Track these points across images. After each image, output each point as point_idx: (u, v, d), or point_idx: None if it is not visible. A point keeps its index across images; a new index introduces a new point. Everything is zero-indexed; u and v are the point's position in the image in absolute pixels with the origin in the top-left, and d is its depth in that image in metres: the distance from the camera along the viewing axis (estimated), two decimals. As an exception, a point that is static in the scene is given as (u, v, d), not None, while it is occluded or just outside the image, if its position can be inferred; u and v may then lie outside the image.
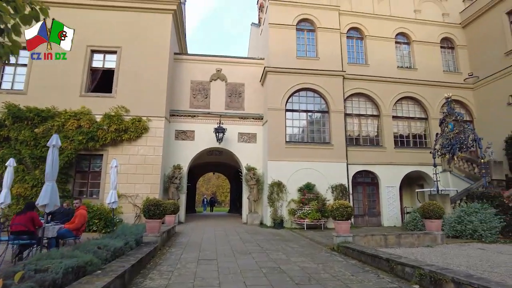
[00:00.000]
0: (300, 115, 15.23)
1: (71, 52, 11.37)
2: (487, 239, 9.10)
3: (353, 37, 17.06)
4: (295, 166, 14.30)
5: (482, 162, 11.34)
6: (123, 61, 14.32)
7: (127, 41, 14.43)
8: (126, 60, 14.32)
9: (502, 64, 15.71)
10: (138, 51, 14.44)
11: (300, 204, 13.63)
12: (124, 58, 14.34)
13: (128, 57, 14.33)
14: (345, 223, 8.50)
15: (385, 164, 15.52)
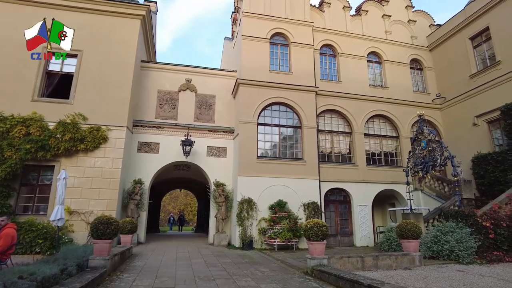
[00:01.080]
0: (272, 129, 14.68)
1: (25, 53, 10.36)
2: (464, 260, 8.76)
3: (326, 54, 17.03)
4: (266, 182, 13.60)
5: (456, 180, 11.22)
6: (84, 65, 13.18)
7: (89, 45, 13.34)
8: (88, 65, 13.20)
9: (467, 86, 16.19)
10: (101, 56, 13.38)
11: (271, 223, 12.85)
12: (85, 63, 13.21)
13: (90, 62, 13.22)
14: (320, 244, 7.82)
15: (357, 182, 15.21)
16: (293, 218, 13.03)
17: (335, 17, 17.46)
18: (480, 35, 15.94)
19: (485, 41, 15.73)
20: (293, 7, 16.15)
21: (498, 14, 14.96)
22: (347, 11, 17.74)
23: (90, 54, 13.28)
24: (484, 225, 9.75)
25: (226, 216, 13.88)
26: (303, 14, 16.23)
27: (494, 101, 14.48)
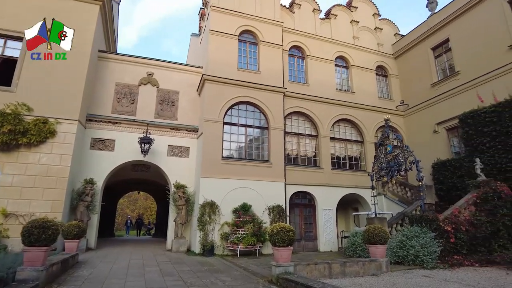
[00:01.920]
0: (239, 129, 14.09)
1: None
2: (428, 265, 8.69)
3: (295, 56, 16.81)
4: (231, 184, 12.95)
5: (420, 185, 11.30)
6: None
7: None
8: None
9: (428, 95, 16.69)
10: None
11: (234, 228, 12.21)
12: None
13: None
14: (286, 250, 7.32)
15: (322, 186, 15.02)
16: (258, 222, 12.48)
17: (305, 19, 17.33)
18: (441, 46, 16.53)
19: (445, 51, 16.32)
20: (263, 5, 15.77)
21: (457, 27, 15.57)
22: (316, 14, 17.68)
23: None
24: (446, 229, 9.84)
25: (186, 220, 13.03)
26: (273, 13, 15.89)
27: (453, 109, 14.97)
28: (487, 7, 14.23)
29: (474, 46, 14.57)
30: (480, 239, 10.24)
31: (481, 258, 9.72)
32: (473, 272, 8.34)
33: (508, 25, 13.31)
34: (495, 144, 12.65)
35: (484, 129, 13.06)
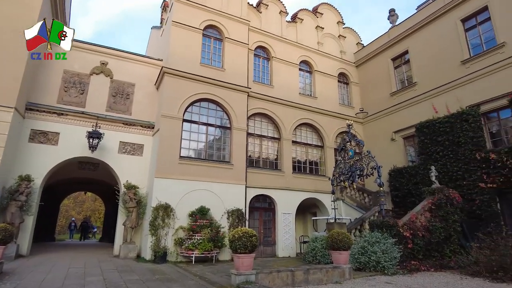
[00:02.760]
0: (199, 128, 13.33)
1: None
2: (389, 271, 8.62)
3: (260, 56, 16.45)
4: (188, 186, 12.14)
5: (381, 190, 11.37)
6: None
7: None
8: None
9: (387, 103, 17.19)
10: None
11: (190, 232, 11.39)
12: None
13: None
14: (248, 257, 6.78)
15: (283, 189, 14.72)
16: (216, 227, 11.79)
17: (271, 20, 17.08)
18: (401, 57, 17.15)
19: (404, 63, 16.94)
20: (230, 1, 15.24)
21: (415, 40, 16.23)
22: (283, 16, 17.52)
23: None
24: (405, 235, 9.92)
25: (136, 224, 11.97)
26: (239, 10, 15.41)
27: (410, 118, 15.49)
28: (443, 24, 14.96)
29: (430, 59, 15.23)
30: (434, 244, 10.49)
31: (435, 263, 9.93)
32: (430, 277, 8.39)
33: (461, 41, 14.06)
34: (447, 153, 13.20)
35: (438, 139, 13.61)
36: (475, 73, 13.20)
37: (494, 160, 11.64)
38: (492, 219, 11.49)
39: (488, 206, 11.68)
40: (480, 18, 13.66)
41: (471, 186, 12.22)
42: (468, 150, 12.50)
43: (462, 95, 13.48)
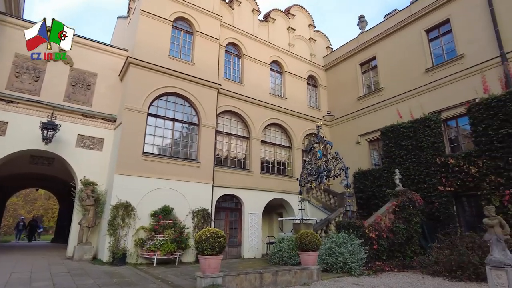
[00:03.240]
0: (165, 123, 12.72)
1: None
2: (356, 272, 8.65)
3: (231, 53, 16.13)
4: (151, 184, 11.51)
5: (348, 192, 11.47)
6: None
7: None
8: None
9: (354, 107, 17.56)
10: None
11: (152, 233, 10.78)
12: None
13: None
14: (216, 259, 6.43)
15: (250, 189, 14.48)
16: (180, 227, 11.27)
17: (244, 17, 16.83)
18: (368, 63, 17.61)
19: (372, 68, 17.41)
20: (202, -6, 14.80)
21: (383, 47, 16.74)
22: (256, 14, 17.34)
23: None
24: (371, 236, 10.05)
25: (94, 224, 11.13)
26: (212, 5, 14.99)
27: (375, 123, 15.91)
28: (409, 33, 15.54)
29: (396, 66, 15.76)
30: (397, 245, 10.75)
31: (398, 263, 10.15)
32: (395, 277, 8.53)
33: (425, 51, 14.68)
34: (410, 157, 13.67)
35: (402, 143, 14.05)
36: (437, 82, 13.82)
37: (452, 164, 12.20)
38: (449, 221, 12.02)
39: (446, 208, 12.21)
40: (443, 29, 14.34)
41: (431, 189, 12.72)
42: (429, 154, 13.01)
43: (425, 102, 14.05)
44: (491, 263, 4.93)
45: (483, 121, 11.60)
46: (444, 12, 14.17)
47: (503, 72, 11.87)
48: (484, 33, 12.67)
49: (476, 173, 11.49)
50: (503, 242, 4.97)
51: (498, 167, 11.02)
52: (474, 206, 12.16)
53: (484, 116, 11.59)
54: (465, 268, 8.13)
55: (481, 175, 11.39)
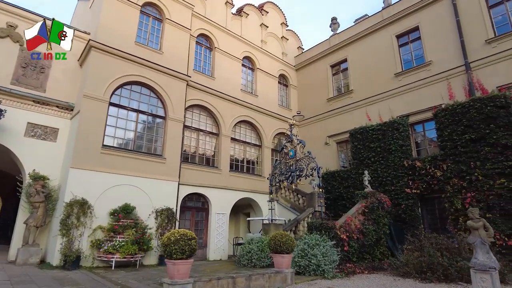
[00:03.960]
0: (128, 114, 11.75)
1: None
2: (329, 275, 8.41)
3: (202, 45, 15.41)
4: (111, 179, 10.54)
5: (320, 192, 11.28)
6: None
7: None
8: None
9: (323, 108, 17.59)
10: None
11: (110, 233, 9.82)
12: None
13: None
14: (186, 263, 5.85)
15: (219, 188, 13.89)
16: (141, 228, 10.41)
17: (217, 9, 16.18)
18: (339, 65, 17.72)
19: (342, 70, 17.54)
20: (174, -20, 13.95)
21: (354, 50, 16.92)
22: (229, 7, 16.75)
23: None
24: (342, 237, 9.91)
25: (43, 223, 9.94)
26: (184, -8, 14.20)
27: (344, 124, 16.01)
28: (380, 37, 15.82)
29: (367, 69, 15.97)
30: (367, 247, 10.73)
31: (368, 265, 10.11)
32: (367, 280, 8.41)
33: (395, 56, 15.01)
34: (378, 159, 13.85)
35: (371, 145, 14.21)
36: (406, 86, 14.16)
37: (419, 167, 12.50)
38: (415, 222, 12.31)
39: (412, 210, 12.48)
40: (412, 36, 14.74)
41: (398, 191, 12.95)
42: (397, 157, 13.25)
43: (394, 106, 14.33)
44: (476, 266, 4.85)
45: (449, 126, 12.00)
46: (414, 20, 14.56)
47: (467, 81, 12.37)
48: (451, 42, 13.16)
49: (441, 176, 11.85)
50: (487, 245, 4.91)
51: (461, 171, 11.43)
52: (437, 208, 12.54)
53: (450, 121, 11.99)
54: (435, 269, 8.20)
55: (445, 178, 11.76)
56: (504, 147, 10.74)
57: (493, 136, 10.92)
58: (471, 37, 12.63)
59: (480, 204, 10.84)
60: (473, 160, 11.21)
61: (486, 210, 10.70)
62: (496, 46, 12.01)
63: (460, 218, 11.17)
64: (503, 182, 10.54)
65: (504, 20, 12.25)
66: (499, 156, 10.76)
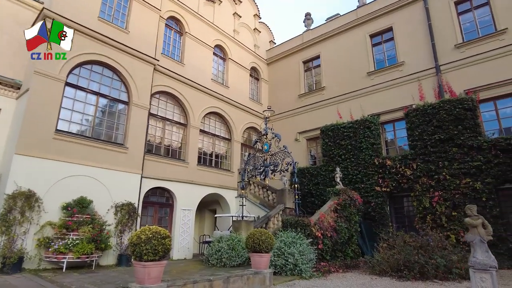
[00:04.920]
0: (87, 97, 10.45)
1: None
2: (307, 274, 7.99)
3: (172, 28, 14.32)
4: (65, 169, 9.26)
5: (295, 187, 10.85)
6: None
7: None
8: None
9: (294, 104, 17.30)
10: None
11: (62, 230, 8.59)
12: None
13: None
14: (158, 266, 5.03)
15: (185, 182, 12.97)
16: (99, 224, 9.26)
17: (189, -8, 15.16)
18: (312, 61, 17.52)
19: (315, 67, 17.35)
20: (144, -46, 12.74)
21: (327, 47, 16.78)
22: (201, -9, 15.81)
23: None
24: (317, 235, 9.58)
25: (-23, 218, 8.43)
26: (154, -31, 13.04)
27: (315, 121, 15.83)
28: (354, 36, 15.81)
29: (340, 66, 15.91)
30: (339, 245, 10.53)
31: (341, 264, 9.89)
32: (344, 279, 8.13)
33: (368, 54, 15.08)
34: (349, 156, 13.81)
35: (342, 142, 14.15)
36: (378, 85, 14.26)
37: (389, 166, 12.61)
38: (384, 220, 12.40)
39: (381, 208, 12.55)
40: (386, 36, 14.90)
41: (368, 189, 12.98)
42: (368, 155, 13.29)
43: (365, 104, 14.37)
44: (475, 265, 4.65)
45: (419, 126, 12.22)
46: (388, 20, 14.71)
47: (437, 83, 12.69)
48: (423, 45, 13.43)
49: (411, 175, 12.04)
50: (486, 243, 4.73)
51: (430, 170, 11.68)
52: (405, 206, 12.75)
53: (420, 121, 12.22)
54: (411, 267, 8.13)
55: (415, 177, 11.96)
56: (470, 148, 11.12)
57: (461, 137, 11.27)
58: (442, 41, 12.97)
59: (447, 202, 11.17)
60: (442, 160, 11.50)
61: (452, 208, 11.03)
62: (465, 51, 12.42)
63: (427, 217, 11.43)
64: (469, 182, 10.92)
65: (472, 27, 12.72)
66: (465, 157, 11.13)
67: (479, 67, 11.94)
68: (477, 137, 11.07)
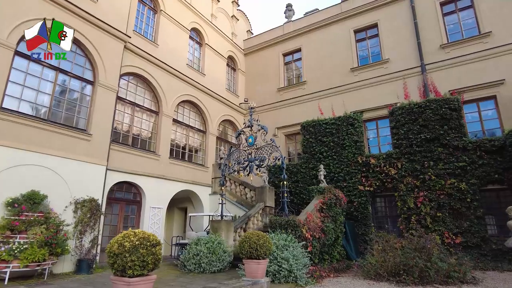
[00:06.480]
0: (44, 71, 8.72)
1: None
2: (302, 281, 7.13)
3: (145, 4, 12.77)
4: (12, 156, 7.56)
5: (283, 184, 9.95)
6: None
7: None
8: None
9: (273, 98, 16.45)
10: None
11: (6, 232, 6.92)
12: None
13: None
14: (147, 282, 3.85)
15: (155, 177, 11.58)
16: (55, 224, 7.69)
17: (165, -34, 13.67)
18: (293, 54, 16.78)
19: (296, 60, 16.63)
20: None
21: (309, 40, 16.13)
22: (178, -32, 14.36)
23: None
24: (306, 236, 8.79)
25: None
26: None
27: (295, 116, 15.14)
28: (337, 30, 15.31)
29: (322, 61, 15.32)
30: (327, 247, 9.85)
31: (330, 267, 9.19)
32: (339, 284, 7.41)
33: (352, 50, 14.64)
34: (331, 154, 13.26)
35: (324, 139, 13.57)
36: (362, 82, 13.87)
37: (373, 165, 12.23)
38: (366, 220, 12.00)
39: (364, 208, 12.13)
40: (370, 32, 14.55)
41: (351, 188, 12.51)
42: (351, 153, 12.82)
43: (348, 101, 13.92)
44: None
45: (405, 125, 11.96)
46: (373, 16, 14.38)
47: (422, 82, 12.53)
48: (408, 43, 13.24)
49: (395, 174, 11.73)
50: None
51: (415, 170, 11.44)
52: (387, 206, 12.46)
53: (406, 120, 11.96)
54: (410, 271, 7.62)
55: (399, 177, 11.67)
56: (455, 148, 11.02)
57: (446, 137, 11.14)
58: (428, 40, 12.84)
59: (432, 203, 10.97)
60: (427, 160, 11.30)
61: (436, 209, 10.85)
62: (450, 52, 12.38)
63: (412, 217, 11.17)
64: (453, 182, 10.80)
65: (456, 28, 12.72)
66: (450, 157, 11.02)
67: (464, 68, 11.94)
68: (462, 137, 11.00)
